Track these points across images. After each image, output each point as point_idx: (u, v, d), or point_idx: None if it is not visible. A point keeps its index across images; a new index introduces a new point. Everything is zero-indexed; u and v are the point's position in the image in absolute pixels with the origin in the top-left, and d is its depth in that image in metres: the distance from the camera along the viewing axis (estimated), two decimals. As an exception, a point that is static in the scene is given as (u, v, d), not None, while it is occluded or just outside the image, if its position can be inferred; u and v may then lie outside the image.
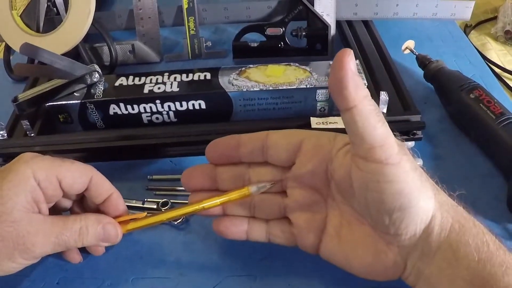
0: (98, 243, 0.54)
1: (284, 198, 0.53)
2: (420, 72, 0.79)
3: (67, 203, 0.58)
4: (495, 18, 1.04)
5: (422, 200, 0.43)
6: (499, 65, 0.91)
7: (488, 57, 0.94)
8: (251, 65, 0.71)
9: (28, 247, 0.48)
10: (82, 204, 0.59)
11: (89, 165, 0.55)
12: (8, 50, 0.87)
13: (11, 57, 0.88)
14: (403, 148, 0.44)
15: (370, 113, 0.42)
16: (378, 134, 0.42)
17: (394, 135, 0.58)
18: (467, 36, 0.96)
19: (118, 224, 0.55)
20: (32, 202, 0.50)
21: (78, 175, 0.53)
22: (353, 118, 0.42)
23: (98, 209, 0.57)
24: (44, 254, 0.51)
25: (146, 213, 0.58)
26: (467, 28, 1.02)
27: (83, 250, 0.57)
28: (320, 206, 0.52)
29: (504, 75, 0.89)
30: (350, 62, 0.40)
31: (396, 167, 0.42)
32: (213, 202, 0.53)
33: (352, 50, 0.41)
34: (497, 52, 0.96)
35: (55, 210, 0.56)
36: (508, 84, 0.87)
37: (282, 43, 0.84)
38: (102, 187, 0.55)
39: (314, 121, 0.63)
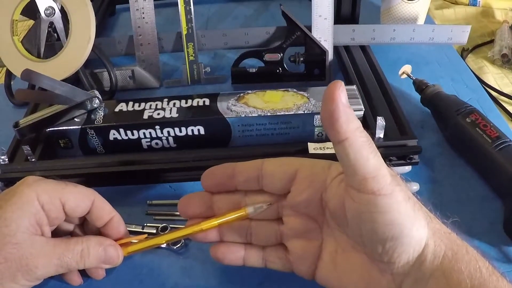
0: (100, 265, 0.55)
1: (280, 225, 0.54)
2: (417, 96, 0.79)
3: (69, 227, 0.59)
4: (492, 41, 1.04)
5: (414, 229, 0.43)
6: (496, 89, 0.91)
7: (485, 80, 0.94)
8: (249, 91, 0.72)
9: (31, 269, 0.49)
10: (83, 227, 0.60)
11: (91, 189, 0.56)
12: (9, 75, 0.88)
13: (12, 82, 0.89)
14: (396, 179, 0.44)
15: (362, 145, 0.42)
16: (370, 165, 0.42)
17: (390, 159, 0.59)
18: (464, 60, 0.97)
19: (119, 247, 0.55)
20: (35, 224, 0.51)
21: (81, 199, 0.54)
22: (345, 151, 0.42)
23: (99, 232, 0.57)
24: (47, 276, 0.52)
25: (146, 235, 0.58)
26: (464, 52, 1.02)
27: (83, 275, 0.58)
28: (315, 233, 0.52)
29: (501, 98, 0.90)
30: (341, 95, 0.41)
31: (389, 197, 0.42)
32: (212, 223, 0.53)
33: (343, 82, 0.41)
34: (494, 76, 0.96)
35: (57, 234, 0.57)
36: (504, 107, 0.87)
37: (280, 68, 0.84)
38: (104, 210, 0.56)
39: (312, 147, 0.64)
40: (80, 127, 0.68)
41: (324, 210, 0.51)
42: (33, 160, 0.67)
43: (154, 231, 0.64)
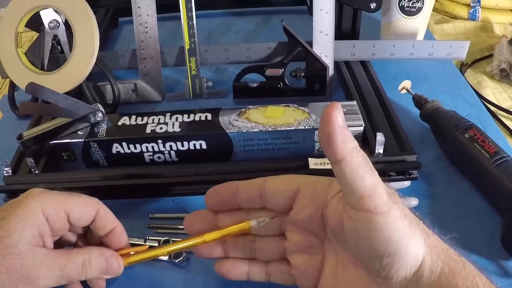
0: (101, 276, 0.55)
1: (283, 241, 0.55)
2: (416, 111, 0.80)
3: (72, 237, 0.59)
4: (490, 56, 1.05)
5: (411, 246, 0.44)
6: (495, 104, 0.92)
7: (484, 95, 0.95)
8: (251, 106, 0.73)
9: (32, 280, 0.49)
10: (85, 236, 0.60)
11: (95, 198, 0.57)
12: (12, 86, 0.88)
13: (15, 94, 0.89)
14: (393, 197, 0.45)
15: (358, 165, 0.43)
16: (366, 184, 0.43)
17: (390, 175, 0.59)
18: (463, 75, 0.97)
19: (120, 257, 0.56)
20: (38, 236, 0.51)
21: (86, 209, 0.55)
22: (342, 170, 0.43)
23: (101, 241, 0.58)
24: (48, 287, 0.52)
25: (148, 246, 0.59)
26: (463, 67, 1.03)
27: (84, 285, 0.58)
28: (317, 248, 0.53)
29: (500, 113, 0.91)
30: (337, 116, 0.42)
31: (385, 216, 0.43)
32: (214, 235, 0.54)
33: (339, 104, 0.42)
34: (492, 90, 0.97)
35: (59, 243, 0.57)
36: (503, 122, 0.88)
37: (281, 83, 0.85)
38: (107, 219, 0.57)
39: (312, 162, 0.65)
40: (83, 140, 0.69)
41: (325, 226, 0.51)
42: (36, 172, 0.68)
43: (156, 244, 0.64)
